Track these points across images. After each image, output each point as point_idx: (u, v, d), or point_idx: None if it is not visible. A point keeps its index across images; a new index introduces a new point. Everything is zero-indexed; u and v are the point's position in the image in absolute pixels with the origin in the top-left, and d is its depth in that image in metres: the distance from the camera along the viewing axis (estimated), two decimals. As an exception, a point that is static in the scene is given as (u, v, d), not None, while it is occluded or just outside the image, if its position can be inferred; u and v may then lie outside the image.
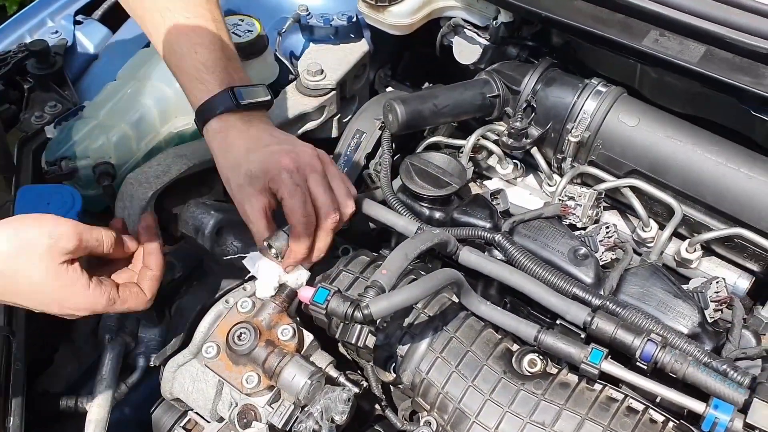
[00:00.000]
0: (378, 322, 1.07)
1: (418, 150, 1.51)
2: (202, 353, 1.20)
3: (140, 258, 1.16)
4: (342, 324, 1.10)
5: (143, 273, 1.14)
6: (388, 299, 1.00)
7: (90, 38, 1.77)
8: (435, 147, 1.51)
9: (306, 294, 1.03)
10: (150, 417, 1.40)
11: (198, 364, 1.26)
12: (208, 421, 1.28)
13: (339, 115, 1.63)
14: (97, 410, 1.29)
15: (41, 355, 1.45)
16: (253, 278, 1.28)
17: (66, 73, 1.68)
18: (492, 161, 1.52)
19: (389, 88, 1.78)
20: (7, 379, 1.19)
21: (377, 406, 1.29)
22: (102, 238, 1.06)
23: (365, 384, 1.22)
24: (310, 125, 1.59)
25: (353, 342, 1.07)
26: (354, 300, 1.01)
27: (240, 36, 1.53)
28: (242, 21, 1.56)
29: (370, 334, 1.11)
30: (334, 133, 1.65)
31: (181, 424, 1.36)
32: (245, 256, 1.24)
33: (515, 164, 1.50)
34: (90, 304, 1.04)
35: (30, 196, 1.38)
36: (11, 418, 1.15)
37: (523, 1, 1.42)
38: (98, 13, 1.84)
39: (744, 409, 1.00)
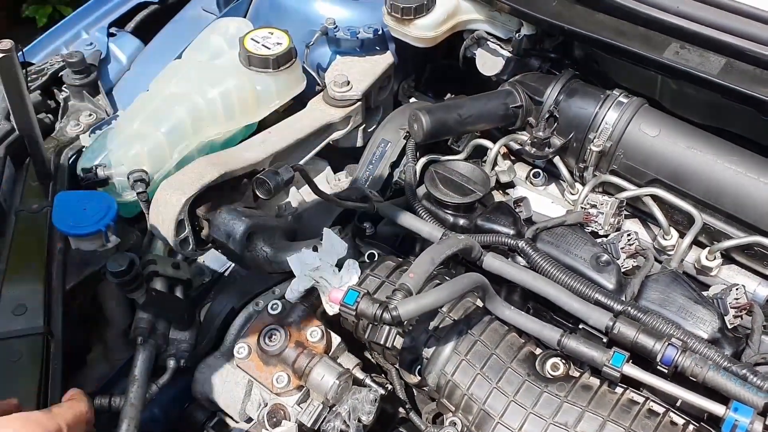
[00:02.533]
0: (405, 323, 1.10)
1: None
2: (234, 354, 1.23)
3: None
4: (371, 325, 1.13)
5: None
6: (416, 301, 1.04)
7: (123, 50, 1.83)
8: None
9: (336, 296, 1.07)
10: (178, 417, 1.44)
11: (228, 366, 1.30)
12: (237, 422, 1.32)
13: (364, 125, 1.67)
14: (130, 409, 1.32)
15: (76, 356, 1.49)
16: (282, 281, 1.33)
17: (100, 83, 1.73)
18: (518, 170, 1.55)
19: (412, 99, 1.82)
20: (46, 378, 1.23)
21: (400, 409, 1.32)
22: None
23: (390, 386, 1.25)
24: (335, 135, 1.63)
25: (382, 342, 1.10)
26: (383, 302, 1.04)
27: (269, 48, 1.57)
28: (272, 34, 1.60)
29: (398, 336, 1.14)
30: (359, 143, 1.69)
31: (210, 425, 1.40)
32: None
33: (536, 173, 1.54)
34: None
35: (67, 202, 1.42)
36: (50, 415, 1.18)
37: (546, 14, 1.45)
38: (131, 25, 1.90)
39: (764, 412, 1.02)
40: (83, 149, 1.57)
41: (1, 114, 1.63)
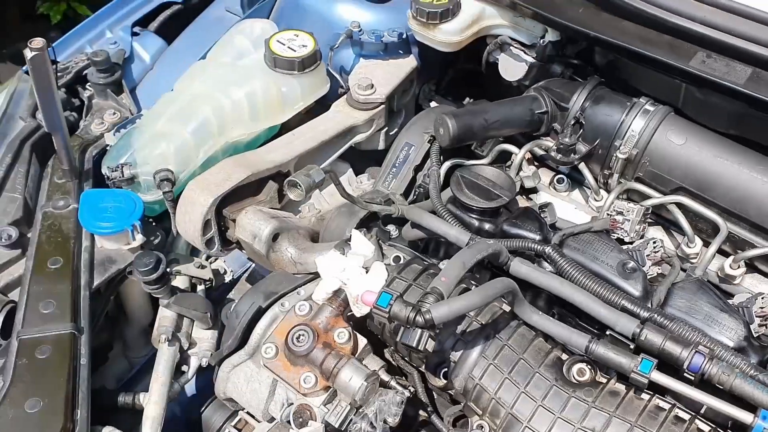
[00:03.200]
0: (438, 327, 1.11)
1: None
2: (261, 353, 1.24)
3: None
4: (402, 328, 1.13)
5: None
6: (448, 305, 1.04)
7: (147, 49, 1.84)
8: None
9: (369, 298, 1.07)
10: (199, 416, 1.45)
11: (252, 365, 1.30)
12: (259, 421, 1.33)
13: (387, 127, 1.68)
14: (153, 407, 1.34)
15: (98, 353, 1.50)
16: (307, 282, 1.33)
17: (124, 82, 1.74)
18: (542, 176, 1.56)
19: (433, 103, 1.83)
20: (74, 374, 1.24)
21: (421, 412, 1.32)
22: None
23: (413, 389, 1.26)
24: (358, 137, 1.64)
25: (414, 345, 1.10)
26: (416, 305, 1.05)
27: (295, 51, 1.58)
28: (297, 36, 1.61)
29: (429, 339, 1.15)
30: (381, 146, 1.70)
31: (232, 423, 1.41)
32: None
33: (560, 179, 1.54)
34: None
35: (93, 200, 1.44)
36: (78, 411, 1.20)
37: (572, 21, 1.46)
38: (154, 25, 1.91)
39: (792, 421, 1.03)
40: (108, 147, 1.59)
41: (26, 111, 1.65)
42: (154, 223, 1.55)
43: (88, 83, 1.72)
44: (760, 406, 1.05)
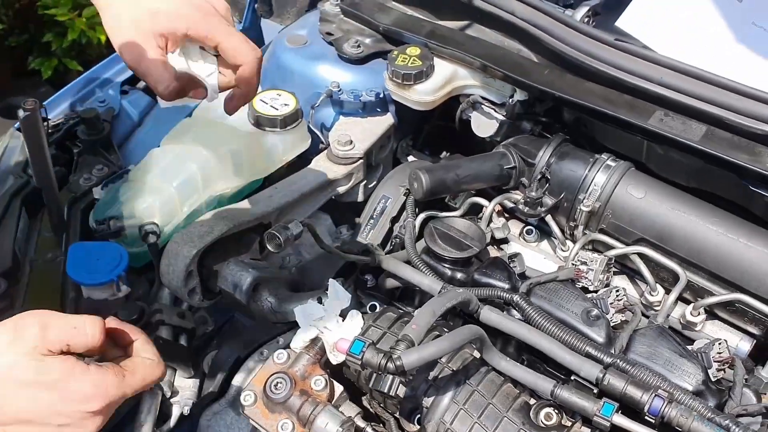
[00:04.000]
0: (408, 373, 1.16)
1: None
2: (241, 401, 1.28)
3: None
4: (375, 375, 1.18)
5: (137, 348, 1.00)
6: (418, 352, 1.10)
7: (135, 107, 1.91)
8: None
9: (343, 346, 1.12)
10: (181, 465, 1.47)
11: (232, 413, 1.34)
12: (240, 469, 1.36)
13: (365, 181, 1.75)
14: (135, 456, 1.37)
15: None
16: (286, 331, 1.38)
17: (112, 138, 1.81)
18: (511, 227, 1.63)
19: (410, 157, 1.90)
20: (58, 422, 1.27)
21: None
22: (88, 326, 0.92)
23: (389, 436, 1.30)
24: (338, 190, 1.70)
25: (385, 391, 1.15)
26: (387, 352, 1.10)
27: (277, 109, 1.66)
28: (279, 95, 1.69)
29: (401, 385, 1.20)
30: (360, 198, 1.76)
31: (213, 471, 1.43)
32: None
33: (529, 230, 1.61)
34: (97, 385, 0.88)
35: (80, 252, 1.48)
36: (61, 459, 1.22)
37: (538, 82, 1.55)
38: (142, 83, 1.98)
39: (746, 462, 1.08)
40: (96, 201, 1.64)
41: (17, 167, 1.70)
42: (139, 275, 1.59)
43: (78, 140, 1.78)
44: (716, 448, 1.10)
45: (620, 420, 1.13)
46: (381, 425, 1.35)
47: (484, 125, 1.73)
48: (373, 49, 1.79)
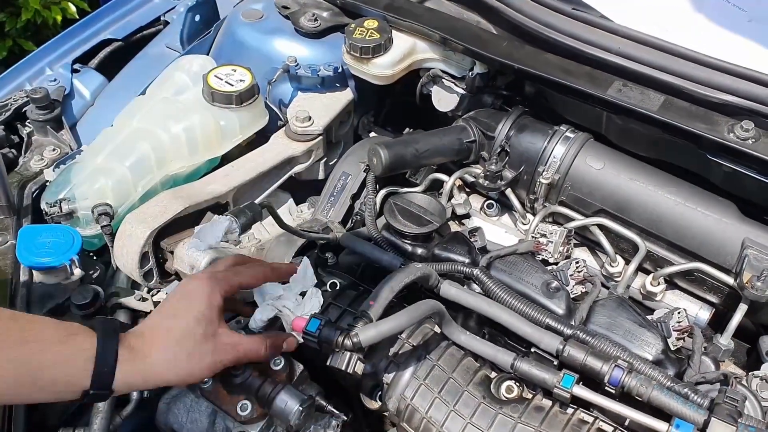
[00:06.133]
0: (366, 349, 1.15)
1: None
2: (199, 384, 1.26)
3: None
4: (333, 352, 1.17)
5: None
6: (376, 327, 1.08)
7: (87, 86, 1.86)
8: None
9: (299, 323, 1.11)
10: (143, 449, 1.45)
11: (192, 395, 1.32)
12: (201, 451, 1.34)
13: (325, 158, 1.72)
14: (94, 441, 1.34)
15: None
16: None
17: (64, 118, 1.76)
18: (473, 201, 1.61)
19: (372, 133, 1.88)
20: (10, 410, 1.24)
21: (363, 436, 1.35)
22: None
23: (351, 414, 1.29)
24: (298, 168, 1.68)
25: (343, 368, 1.14)
26: (344, 329, 1.08)
27: (233, 85, 1.62)
28: (234, 71, 1.65)
29: (358, 362, 1.18)
30: (321, 175, 1.74)
31: (174, 455, 1.41)
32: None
33: (490, 204, 1.60)
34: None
35: (31, 236, 1.44)
36: (14, 448, 1.19)
37: (497, 54, 1.53)
38: (95, 61, 1.93)
39: (703, 429, 1.08)
40: (47, 183, 1.60)
41: (-37, 150, 1.65)
42: (94, 258, 1.56)
43: (28, 120, 1.73)
44: (675, 416, 1.11)
45: (581, 391, 1.13)
46: (346, 402, 1.34)
47: (444, 99, 1.71)
48: (331, 22, 1.76)
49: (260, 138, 1.70)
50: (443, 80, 1.69)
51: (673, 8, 1.63)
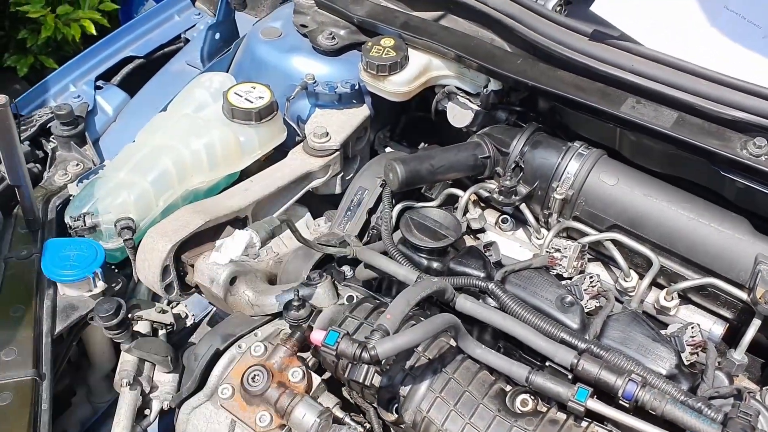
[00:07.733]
0: (383, 362, 1.17)
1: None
2: (218, 394, 1.28)
3: None
4: (350, 365, 1.19)
5: None
6: (392, 341, 1.10)
7: (109, 102, 1.90)
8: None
9: (317, 336, 1.13)
10: (161, 459, 1.48)
11: (211, 406, 1.34)
12: (220, 462, 1.36)
13: (342, 173, 1.75)
14: (115, 451, 1.37)
15: (61, 399, 1.53)
16: (264, 324, 1.38)
17: (87, 134, 1.80)
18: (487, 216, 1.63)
19: (388, 149, 1.91)
20: (35, 419, 1.27)
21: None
22: None
23: (368, 425, 1.31)
24: (315, 183, 1.71)
25: (360, 380, 1.16)
26: (361, 342, 1.11)
27: (252, 102, 1.66)
28: (254, 88, 1.69)
29: (376, 374, 1.20)
30: (337, 190, 1.77)
31: (193, 465, 1.43)
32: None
33: (505, 219, 1.62)
34: None
35: (56, 249, 1.48)
36: (39, 457, 1.22)
37: (511, 71, 1.55)
38: (117, 78, 1.97)
39: (717, 443, 1.09)
40: (71, 198, 1.63)
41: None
42: (116, 270, 1.59)
43: (52, 136, 1.77)
44: (689, 430, 1.12)
45: (595, 405, 1.15)
46: (361, 415, 1.36)
47: (459, 115, 1.74)
48: (348, 40, 1.79)
49: (279, 153, 1.73)
50: (458, 97, 1.72)
51: (688, 22, 1.64)
